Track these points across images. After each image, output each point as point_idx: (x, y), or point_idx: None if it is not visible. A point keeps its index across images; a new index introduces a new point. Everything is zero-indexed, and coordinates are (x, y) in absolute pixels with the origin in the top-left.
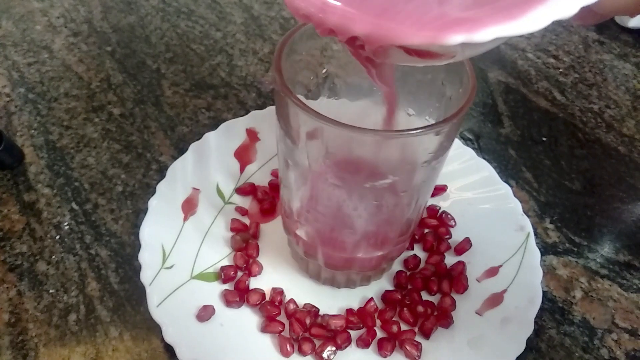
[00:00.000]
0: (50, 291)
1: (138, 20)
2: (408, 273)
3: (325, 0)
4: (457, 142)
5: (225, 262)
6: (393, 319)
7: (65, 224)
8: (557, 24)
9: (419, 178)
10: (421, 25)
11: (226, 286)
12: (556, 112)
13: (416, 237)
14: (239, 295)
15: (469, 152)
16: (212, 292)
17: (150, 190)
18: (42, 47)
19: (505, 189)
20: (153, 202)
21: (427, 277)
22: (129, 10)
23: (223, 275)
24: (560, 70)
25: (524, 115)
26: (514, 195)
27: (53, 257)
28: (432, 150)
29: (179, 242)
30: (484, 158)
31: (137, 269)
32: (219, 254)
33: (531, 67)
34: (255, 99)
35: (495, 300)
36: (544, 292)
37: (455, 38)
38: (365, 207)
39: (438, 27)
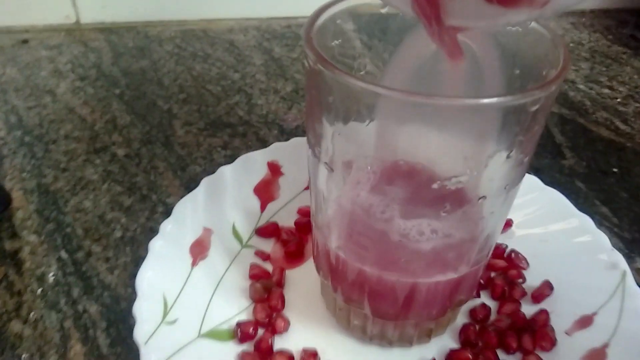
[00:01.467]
0: (23, 356)
1: (151, 65)
2: (477, 326)
3: None
4: None
5: (243, 317)
6: None
7: (51, 275)
8: (605, 55)
9: (502, 178)
10: None
11: (244, 347)
12: (623, 142)
13: (482, 282)
14: (260, 358)
15: (534, 181)
16: (227, 354)
17: (154, 235)
18: (46, 91)
19: (584, 220)
20: (155, 244)
21: (503, 331)
22: (141, 55)
23: (240, 332)
24: (618, 100)
25: (587, 146)
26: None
27: (31, 314)
28: (521, 135)
29: (185, 292)
30: None
31: (132, 328)
32: (235, 307)
33: (585, 98)
34: (277, 135)
35: (596, 357)
36: None
37: None
38: (428, 224)
39: None
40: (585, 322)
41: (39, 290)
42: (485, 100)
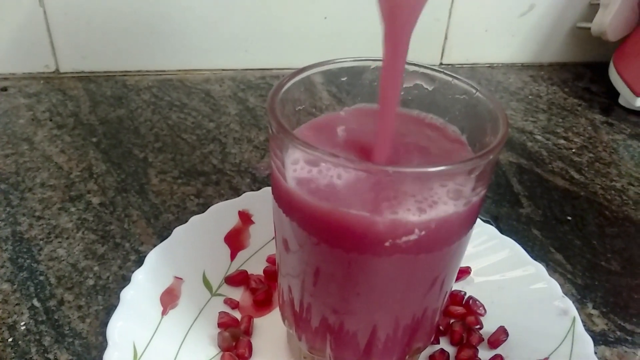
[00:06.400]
0: None
1: (128, 113)
2: None
3: None
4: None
5: None
6: None
7: (22, 324)
8: (562, 107)
9: (449, 234)
10: None
11: None
12: (577, 191)
13: (441, 328)
14: None
15: (491, 230)
16: None
17: (126, 283)
18: (23, 139)
19: (538, 269)
20: (126, 293)
21: None
22: (118, 104)
23: None
24: (573, 150)
25: (543, 195)
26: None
27: None
28: (466, 195)
29: (155, 340)
30: None
31: None
32: (203, 356)
33: (542, 149)
34: (249, 184)
35: None
36: None
37: None
38: (386, 273)
39: None
40: None
41: (10, 339)
42: (430, 169)
